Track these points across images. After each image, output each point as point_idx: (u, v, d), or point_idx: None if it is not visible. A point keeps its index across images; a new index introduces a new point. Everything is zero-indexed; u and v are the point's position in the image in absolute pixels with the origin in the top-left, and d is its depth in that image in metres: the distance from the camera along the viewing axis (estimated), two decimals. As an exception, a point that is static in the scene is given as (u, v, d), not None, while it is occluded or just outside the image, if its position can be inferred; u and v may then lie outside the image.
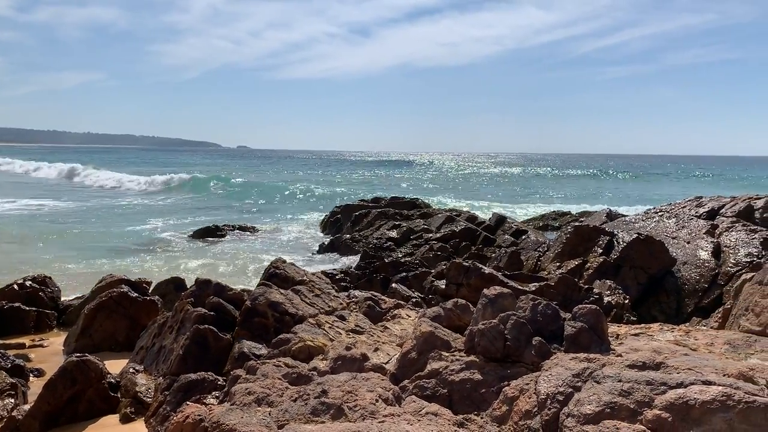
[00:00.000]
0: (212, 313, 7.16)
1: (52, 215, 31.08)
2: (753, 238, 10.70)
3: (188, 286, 9.91)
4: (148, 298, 10.21)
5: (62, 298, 12.24)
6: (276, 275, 7.66)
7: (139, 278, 11.36)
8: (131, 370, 7.37)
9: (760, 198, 12.63)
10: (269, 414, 3.88)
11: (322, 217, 27.82)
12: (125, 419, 6.58)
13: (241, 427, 3.52)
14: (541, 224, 22.74)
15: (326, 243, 20.41)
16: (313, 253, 19.91)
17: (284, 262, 8.00)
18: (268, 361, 5.44)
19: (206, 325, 6.85)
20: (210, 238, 23.25)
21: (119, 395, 7.00)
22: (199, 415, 3.73)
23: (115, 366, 7.92)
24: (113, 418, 6.73)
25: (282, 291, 7.15)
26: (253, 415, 3.81)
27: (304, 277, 7.63)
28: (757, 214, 12.05)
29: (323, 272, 12.16)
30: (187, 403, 4.82)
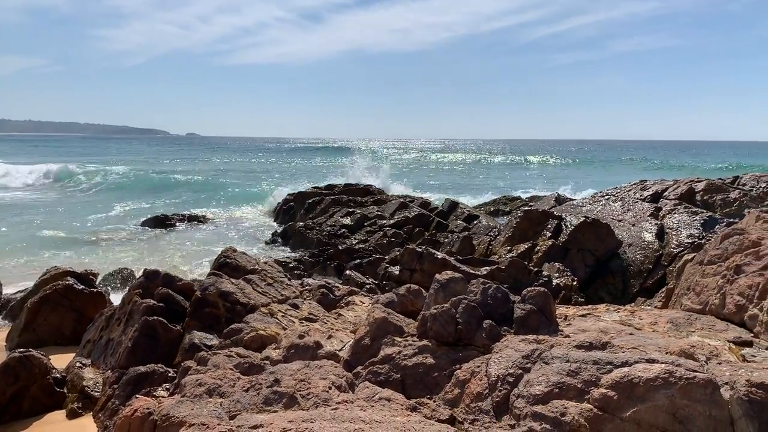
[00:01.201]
0: (161, 304, 7.02)
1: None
2: (694, 220, 11.08)
3: (137, 278, 9.68)
4: (95, 290, 9.93)
5: (3, 292, 11.81)
6: (227, 264, 7.55)
7: (86, 270, 11.04)
8: (78, 364, 7.17)
9: (701, 181, 13.07)
10: (221, 405, 3.83)
11: (274, 206, 27.51)
12: (72, 415, 6.41)
13: (192, 419, 3.46)
14: (492, 209, 23.03)
15: (279, 231, 20.22)
16: (265, 242, 19.71)
17: (235, 251, 7.89)
18: (219, 351, 5.37)
19: (155, 317, 6.71)
20: (159, 229, 22.76)
21: (65, 390, 6.81)
22: (148, 408, 3.65)
23: (61, 360, 7.71)
24: (60, 414, 6.55)
25: (233, 280, 7.05)
26: (204, 406, 3.75)
27: (256, 266, 7.54)
28: (698, 197, 12.48)
29: (276, 260, 12.05)
30: (137, 396, 4.71)
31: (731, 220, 10.54)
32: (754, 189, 12.53)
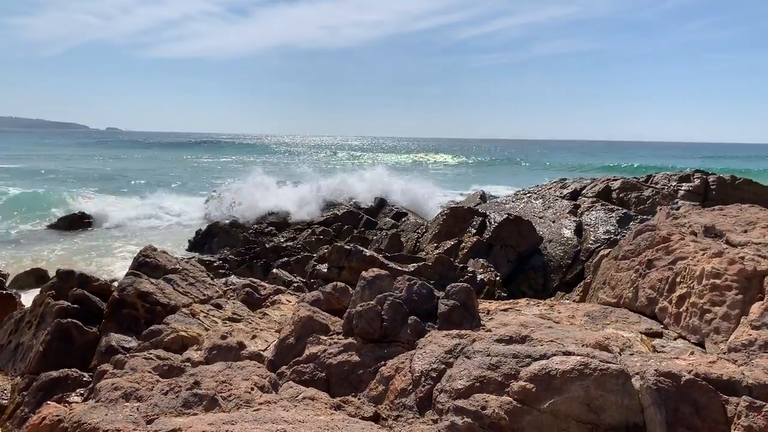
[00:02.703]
0: (76, 305, 6.72)
1: None
2: (610, 217, 11.56)
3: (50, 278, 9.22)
4: (4, 291, 9.39)
5: None
6: (146, 264, 7.29)
7: (-7, 271, 10.45)
8: (-16, 371, 6.76)
9: (616, 179, 13.66)
10: (137, 409, 3.69)
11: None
12: (-23, 425, 6.04)
13: (105, 425, 3.32)
14: (420, 206, 23.24)
15: (204, 229, 19.71)
16: (189, 241, 19.16)
17: (155, 249, 7.63)
18: (137, 354, 5.18)
19: (69, 319, 6.41)
20: (75, 229, 21.79)
21: (-30, 399, 6.40)
22: (58, 415, 3.47)
23: (-36, 368, 7.23)
24: (-37, 425, 6.16)
25: (153, 280, 6.82)
26: (120, 411, 3.60)
27: (177, 265, 7.32)
28: (614, 195, 13.03)
29: (199, 259, 11.77)
30: (47, 402, 4.49)
31: (644, 217, 11.06)
32: (666, 187, 13.19)
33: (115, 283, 7.30)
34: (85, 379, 5.65)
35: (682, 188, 13.02)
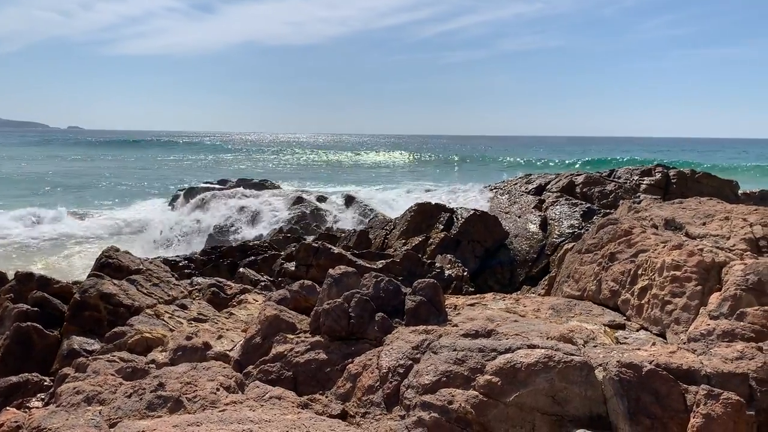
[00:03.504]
0: (36, 308, 6.56)
1: None
2: (574, 211, 11.73)
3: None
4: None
5: None
6: (109, 265, 7.16)
7: (-52, 274, 10.11)
8: (-61, 378, 6.56)
9: (580, 174, 13.86)
10: (100, 413, 3.62)
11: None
12: (-67, 434, 5.86)
13: (66, 430, 3.24)
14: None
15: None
16: (154, 240, 18.89)
17: (117, 250, 7.49)
18: (100, 356, 5.08)
19: (29, 322, 6.26)
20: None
21: (-75, 407, 6.21)
22: (17, 422, 3.39)
23: None
24: None
25: (116, 281, 6.70)
26: (81, 415, 3.53)
27: (141, 266, 7.20)
28: (578, 189, 13.22)
29: (164, 260, 11.57)
30: (7, 408, 4.37)
31: (607, 210, 11.25)
32: (628, 181, 13.44)
33: (77, 285, 7.14)
34: (45, 383, 5.52)
35: (644, 182, 13.27)
